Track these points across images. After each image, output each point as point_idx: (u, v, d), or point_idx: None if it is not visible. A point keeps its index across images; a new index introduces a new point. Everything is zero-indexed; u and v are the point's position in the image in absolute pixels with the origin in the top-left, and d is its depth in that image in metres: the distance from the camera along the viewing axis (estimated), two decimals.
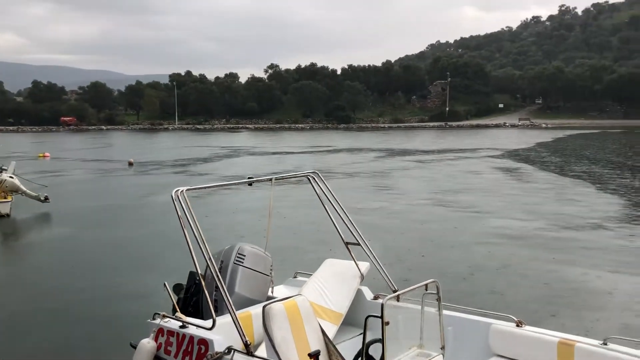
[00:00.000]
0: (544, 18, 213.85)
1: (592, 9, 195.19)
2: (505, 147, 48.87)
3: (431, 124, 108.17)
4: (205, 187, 5.44)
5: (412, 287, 4.06)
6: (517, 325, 4.71)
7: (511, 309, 7.08)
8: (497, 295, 9.51)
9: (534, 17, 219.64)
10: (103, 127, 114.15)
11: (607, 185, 23.77)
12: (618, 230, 14.82)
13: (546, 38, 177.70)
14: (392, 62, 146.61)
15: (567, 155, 40.69)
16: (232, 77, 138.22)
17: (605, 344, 4.20)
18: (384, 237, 13.80)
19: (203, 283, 4.82)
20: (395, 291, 5.09)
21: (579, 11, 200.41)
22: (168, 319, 4.82)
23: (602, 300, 9.33)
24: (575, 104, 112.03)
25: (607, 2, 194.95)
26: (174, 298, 5.30)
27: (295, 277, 6.30)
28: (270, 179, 5.53)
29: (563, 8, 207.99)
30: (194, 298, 5.57)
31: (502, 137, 67.23)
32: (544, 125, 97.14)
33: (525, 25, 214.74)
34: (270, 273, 5.74)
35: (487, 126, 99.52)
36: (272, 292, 5.83)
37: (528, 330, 4.66)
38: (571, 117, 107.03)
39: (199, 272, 4.80)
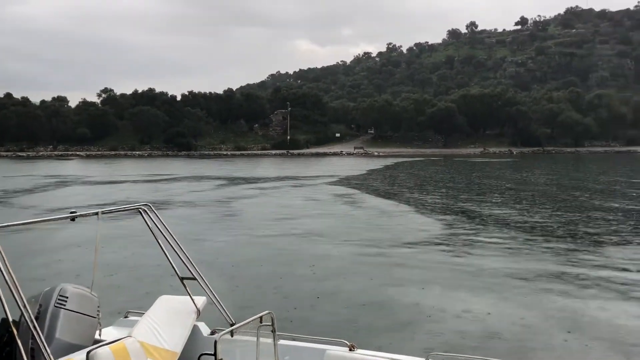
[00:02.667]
0: (374, 54, 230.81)
1: (414, 48, 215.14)
2: (341, 174, 51.38)
3: (273, 151, 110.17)
4: (17, 224, 4.91)
5: (246, 321, 4.04)
6: (350, 349, 4.89)
7: (343, 331, 7.36)
8: (330, 318, 9.83)
9: (365, 53, 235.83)
10: None
11: (429, 208, 26.04)
12: (440, 248, 16.25)
13: (376, 73, 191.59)
14: (234, 89, 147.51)
15: (393, 181, 43.87)
16: (61, 100, 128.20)
17: None
18: (224, 268, 13.64)
19: (15, 331, 4.32)
20: (233, 324, 5.03)
21: (404, 49, 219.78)
22: None
23: (425, 316, 10.08)
24: (403, 134, 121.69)
25: (427, 42, 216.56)
26: None
27: (126, 316, 5.92)
28: (96, 213, 5.17)
29: (390, 46, 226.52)
30: (7, 348, 4.96)
31: (340, 164, 70.67)
32: (376, 154, 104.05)
33: (358, 60, 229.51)
34: (98, 314, 5.33)
35: (325, 154, 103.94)
36: (99, 335, 5.41)
37: (360, 353, 4.85)
38: (400, 146, 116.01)
39: (10, 318, 4.30)
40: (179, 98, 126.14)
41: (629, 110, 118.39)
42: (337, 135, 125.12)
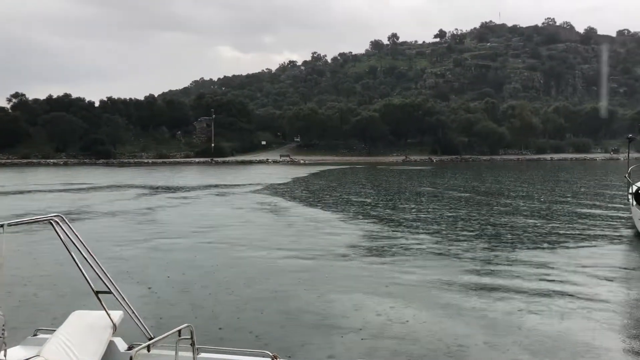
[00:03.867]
0: (299, 63, 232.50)
1: (339, 57, 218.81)
2: (266, 182, 51.20)
3: (197, 159, 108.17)
4: None
5: (164, 335, 3.93)
6: None
7: (265, 340, 7.30)
8: (251, 327, 9.75)
9: (290, 62, 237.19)
10: None
11: (351, 215, 26.45)
12: (359, 258, 16.52)
13: (301, 81, 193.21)
14: (156, 96, 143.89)
15: (318, 189, 44.23)
16: None
17: None
18: (142, 280, 13.22)
19: None
20: (151, 338, 4.87)
21: (329, 59, 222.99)
22: None
23: (346, 322, 10.21)
24: (329, 142, 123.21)
25: (351, 52, 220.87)
26: None
27: (35, 334, 5.58)
28: (1, 225, 4.86)
29: (315, 55, 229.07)
30: None
31: (266, 172, 70.43)
32: (302, 162, 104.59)
33: (283, 68, 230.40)
34: (2, 333, 4.99)
35: (251, 162, 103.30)
36: (4, 356, 5.07)
37: None
38: (325, 153, 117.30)
39: None
40: (97, 104, 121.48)
41: (538, 121, 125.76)
42: (263, 143, 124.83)
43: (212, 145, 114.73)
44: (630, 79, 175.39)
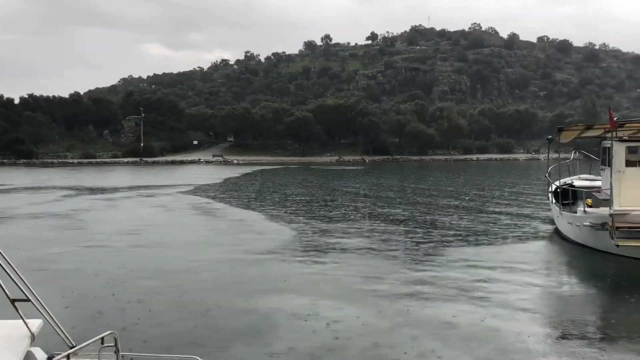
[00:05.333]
0: (232, 62, 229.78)
1: (272, 57, 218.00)
2: (197, 182, 50.32)
3: (125, 159, 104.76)
4: None
5: (86, 343, 3.79)
6: None
7: (192, 343, 7.17)
8: (178, 330, 9.58)
9: (223, 60, 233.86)
10: None
11: (282, 215, 26.46)
12: (291, 254, 16.56)
13: (234, 80, 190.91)
14: (81, 94, 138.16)
15: (250, 189, 43.93)
16: None
17: None
18: (63, 286, 12.71)
19: None
20: (73, 347, 4.68)
21: (262, 58, 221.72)
22: None
23: (277, 323, 10.21)
24: (262, 141, 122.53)
25: (285, 52, 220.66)
26: None
27: None
28: None
29: (248, 54, 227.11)
30: None
31: (197, 173, 69.18)
32: (235, 162, 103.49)
33: (215, 67, 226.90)
34: None
35: (182, 162, 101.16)
36: None
37: None
38: (259, 154, 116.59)
39: None
40: (17, 101, 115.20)
41: (465, 122, 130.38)
42: (195, 142, 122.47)
43: (142, 145, 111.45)
44: (550, 83, 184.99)
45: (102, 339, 3.85)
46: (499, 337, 9.54)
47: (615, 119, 16.40)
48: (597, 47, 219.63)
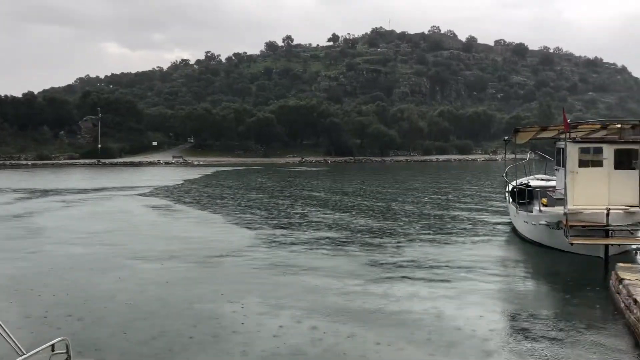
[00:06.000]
0: (192, 61, 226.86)
1: (233, 57, 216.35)
2: (156, 184, 49.48)
3: (82, 161, 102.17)
4: None
5: (36, 350, 3.65)
6: None
7: (150, 349, 6.97)
8: (135, 337, 9.38)
9: (182, 60, 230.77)
10: None
11: (241, 216, 26.28)
12: (252, 257, 16.45)
13: (195, 80, 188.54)
14: (35, 93, 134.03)
15: (210, 191, 43.45)
16: None
17: None
18: (12, 292, 12.29)
19: None
20: (23, 354, 4.50)
21: (223, 59, 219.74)
22: None
23: (232, 328, 10.12)
24: (224, 142, 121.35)
25: (246, 53, 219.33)
26: None
27: None
28: None
29: (209, 54, 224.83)
30: None
31: (156, 174, 68.01)
32: (195, 163, 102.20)
33: (175, 67, 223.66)
34: None
35: (141, 163, 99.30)
36: None
37: None
38: (220, 155, 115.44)
39: None
40: None
41: (425, 124, 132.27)
42: (155, 143, 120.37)
43: (99, 146, 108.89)
44: (507, 86, 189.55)
45: (53, 345, 3.72)
46: (455, 333, 9.68)
47: (568, 120, 16.88)
48: (551, 51, 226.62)
